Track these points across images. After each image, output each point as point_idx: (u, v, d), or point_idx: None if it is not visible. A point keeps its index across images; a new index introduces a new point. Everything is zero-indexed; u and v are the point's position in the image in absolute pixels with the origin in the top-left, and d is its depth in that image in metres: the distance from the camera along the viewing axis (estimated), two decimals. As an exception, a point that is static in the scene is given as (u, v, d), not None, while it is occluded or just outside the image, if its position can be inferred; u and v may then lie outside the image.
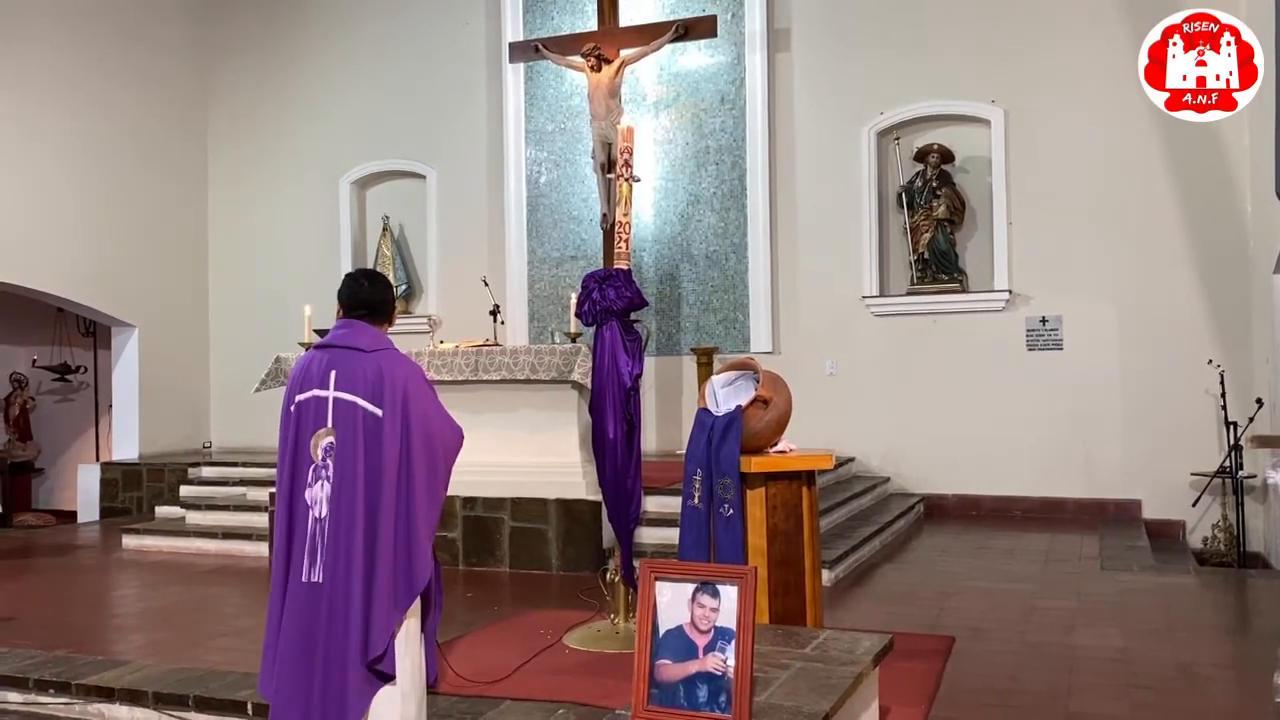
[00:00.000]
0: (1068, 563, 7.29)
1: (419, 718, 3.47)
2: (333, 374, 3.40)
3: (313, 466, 3.37)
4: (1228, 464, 8.35)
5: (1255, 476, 8.44)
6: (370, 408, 3.34)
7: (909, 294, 9.78)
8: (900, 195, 9.83)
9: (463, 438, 3.54)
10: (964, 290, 9.63)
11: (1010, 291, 9.42)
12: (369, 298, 3.55)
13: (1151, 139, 8.98)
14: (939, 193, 9.62)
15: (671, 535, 6.86)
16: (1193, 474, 8.67)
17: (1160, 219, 9.00)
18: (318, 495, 3.35)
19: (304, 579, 3.34)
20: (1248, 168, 8.66)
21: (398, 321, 6.03)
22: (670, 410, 10.19)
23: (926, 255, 9.70)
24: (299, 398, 3.46)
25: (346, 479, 3.32)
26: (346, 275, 3.67)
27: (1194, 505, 8.69)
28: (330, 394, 3.38)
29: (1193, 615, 5.90)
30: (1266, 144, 8.04)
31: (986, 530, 8.66)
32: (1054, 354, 9.34)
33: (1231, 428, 8.31)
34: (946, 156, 9.68)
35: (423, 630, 3.52)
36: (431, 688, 3.81)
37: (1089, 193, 9.23)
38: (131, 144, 11.61)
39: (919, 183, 9.73)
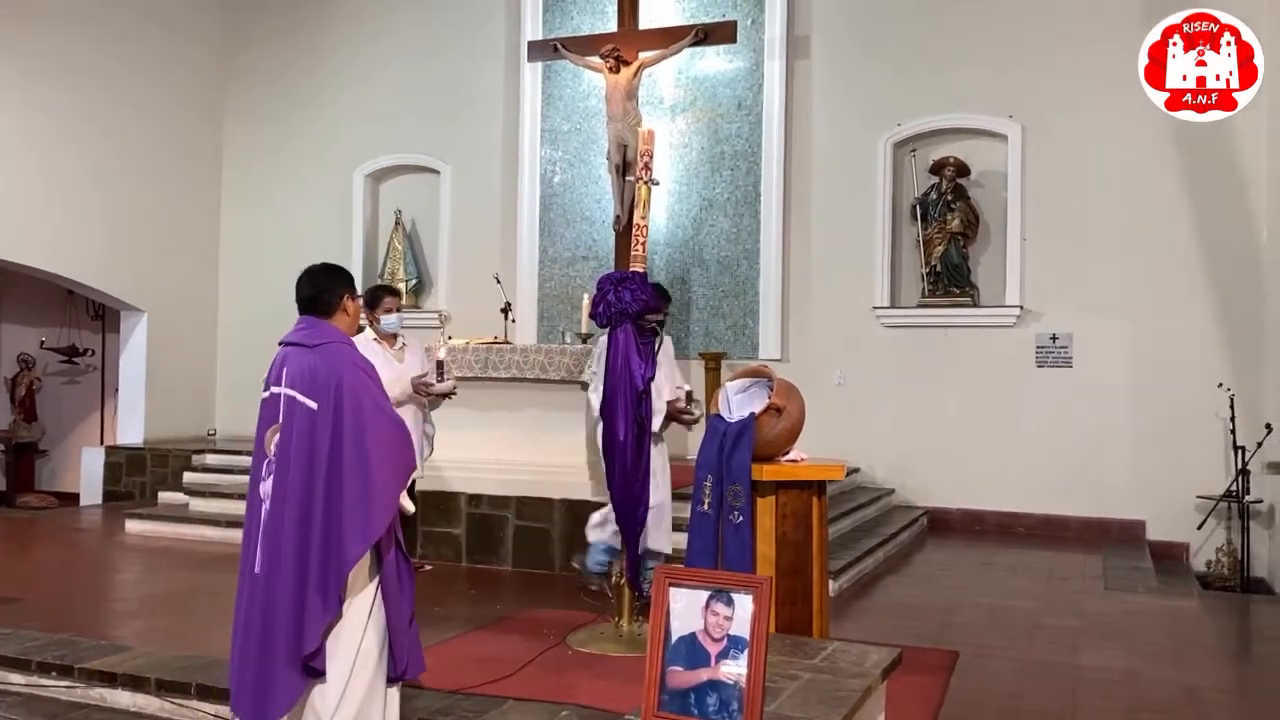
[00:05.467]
0: (1071, 581, 7.27)
1: (365, 714, 3.44)
2: (284, 371, 3.47)
3: (266, 461, 3.45)
4: (1234, 488, 8.32)
5: (1261, 501, 8.42)
6: (306, 402, 3.39)
7: (920, 306, 9.77)
8: (914, 207, 9.81)
9: (405, 435, 3.50)
10: (975, 304, 9.62)
11: (1021, 307, 9.40)
12: (307, 293, 3.60)
13: (1169, 161, 8.97)
14: (953, 206, 9.61)
15: (677, 539, 6.85)
16: (1198, 497, 8.64)
17: (1175, 241, 8.98)
18: (268, 489, 3.41)
19: (254, 570, 3.40)
20: (1264, 193, 8.65)
21: (406, 315, 5.95)
22: (676, 414, 10.15)
23: (939, 268, 9.69)
24: (263, 395, 3.56)
25: (282, 473, 3.38)
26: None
27: (1199, 528, 8.67)
28: (282, 390, 3.45)
29: (1198, 639, 5.89)
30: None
31: (990, 546, 8.64)
32: (1063, 371, 9.32)
33: (1240, 452, 8.28)
34: (962, 170, 9.66)
35: (391, 624, 3.50)
36: (411, 681, 3.82)
37: (1104, 211, 9.21)
38: (147, 129, 11.61)
39: (934, 195, 9.72)
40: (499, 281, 8.87)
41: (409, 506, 3.51)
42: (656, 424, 5.79)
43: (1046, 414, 9.28)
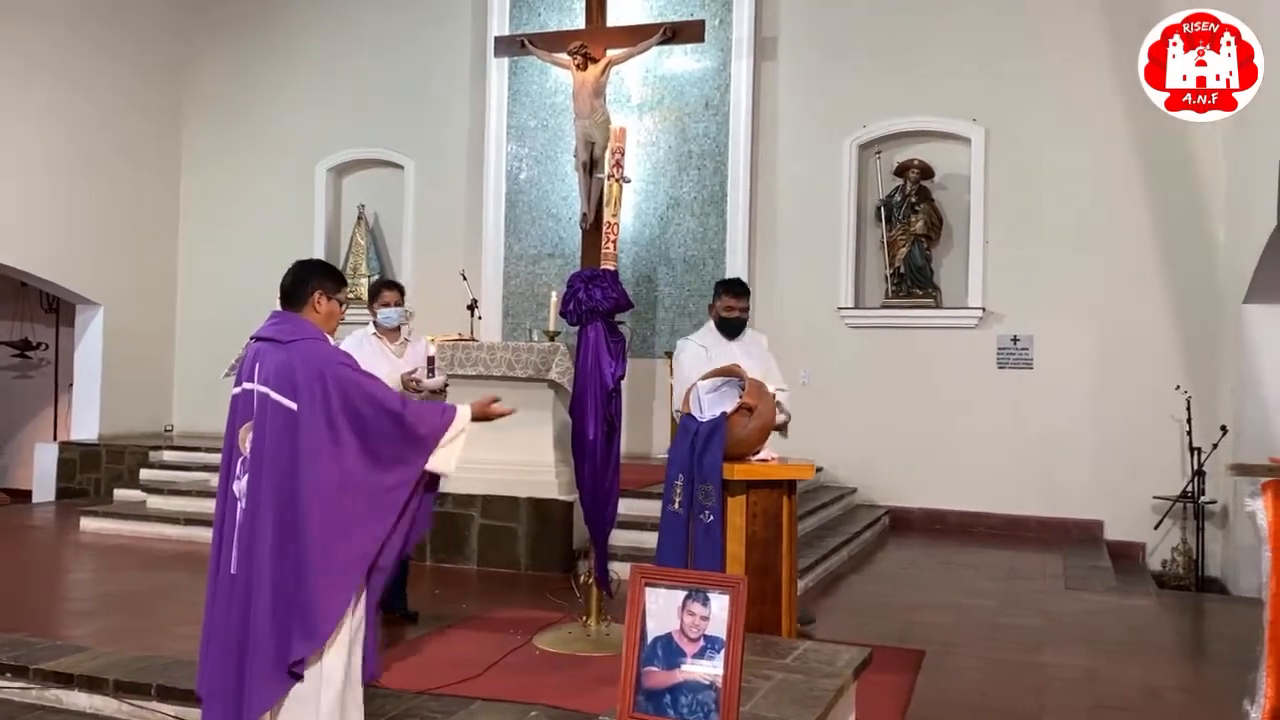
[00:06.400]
0: (1032, 580, 7.35)
1: (338, 714, 3.40)
2: (258, 367, 3.39)
3: (241, 459, 3.37)
4: (1190, 489, 8.46)
5: (1216, 502, 8.57)
6: (281, 400, 3.30)
7: (883, 307, 9.84)
8: (879, 209, 9.88)
9: (400, 415, 3.34)
10: (938, 306, 9.70)
11: (983, 309, 9.50)
12: (285, 283, 3.53)
13: (1129, 165, 9.11)
14: (917, 208, 9.68)
15: (643, 538, 6.86)
16: (1155, 497, 8.78)
17: (1134, 245, 9.12)
18: (243, 488, 3.34)
19: (230, 571, 3.34)
20: (1222, 197, 8.80)
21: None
22: (642, 413, 10.16)
23: (902, 270, 9.76)
24: (234, 391, 3.48)
25: (257, 472, 3.31)
26: None
27: (1155, 528, 8.81)
28: (255, 387, 3.37)
29: (1155, 637, 5.98)
30: (1240, 175, 8.20)
31: (951, 545, 8.72)
32: (1023, 373, 9.43)
33: (1195, 453, 8.42)
34: (926, 172, 9.74)
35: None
36: (373, 683, 3.78)
37: (1065, 215, 9.33)
38: (105, 122, 11.38)
39: (898, 197, 9.79)
40: (465, 278, 8.80)
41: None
42: None
43: (1007, 415, 9.38)
